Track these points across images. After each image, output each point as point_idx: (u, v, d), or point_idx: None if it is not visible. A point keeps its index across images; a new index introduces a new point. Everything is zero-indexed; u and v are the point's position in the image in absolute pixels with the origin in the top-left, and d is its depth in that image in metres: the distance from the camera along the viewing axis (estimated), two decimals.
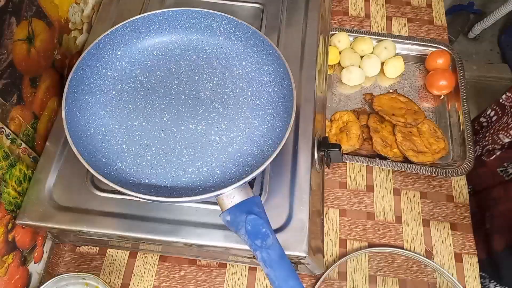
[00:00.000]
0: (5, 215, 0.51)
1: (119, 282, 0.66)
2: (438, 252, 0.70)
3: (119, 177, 0.47)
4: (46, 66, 0.57)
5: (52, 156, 0.55)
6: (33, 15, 0.53)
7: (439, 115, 0.81)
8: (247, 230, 0.41)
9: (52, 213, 0.51)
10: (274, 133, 0.49)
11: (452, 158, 0.76)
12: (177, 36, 0.58)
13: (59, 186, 0.53)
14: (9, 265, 0.53)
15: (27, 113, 0.54)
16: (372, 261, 0.69)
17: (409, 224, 0.72)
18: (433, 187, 0.75)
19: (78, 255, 0.67)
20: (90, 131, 0.50)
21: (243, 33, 0.55)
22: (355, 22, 0.93)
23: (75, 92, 0.50)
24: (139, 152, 0.49)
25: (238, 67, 0.56)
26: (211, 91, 0.54)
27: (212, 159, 0.49)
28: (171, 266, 0.67)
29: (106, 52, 0.54)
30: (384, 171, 0.76)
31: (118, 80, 0.54)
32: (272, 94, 0.53)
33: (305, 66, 0.61)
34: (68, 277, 0.57)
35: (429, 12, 0.94)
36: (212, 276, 0.66)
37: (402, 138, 0.75)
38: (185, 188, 0.47)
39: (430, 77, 0.83)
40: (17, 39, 0.50)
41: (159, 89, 0.54)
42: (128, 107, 0.52)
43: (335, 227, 0.72)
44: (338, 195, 0.74)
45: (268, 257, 0.41)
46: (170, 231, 0.50)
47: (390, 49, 0.85)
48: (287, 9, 0.67)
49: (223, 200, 0.43)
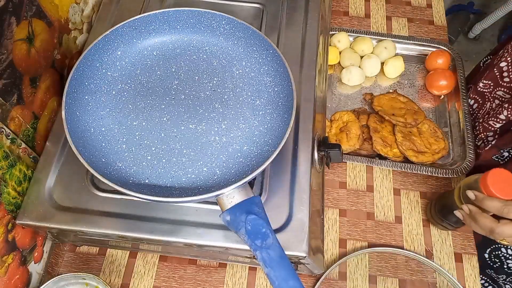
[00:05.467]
0: (5, 215, 0.51)
1: (119, 282, 0.66)
2: (438, 252, 0.70)
3: (119, 177, 0.47)
4: (46, 66, 0.57)
5: (52, 156, 0.55)
6: (33, 15, 0.53)
7: (439, 115, 0.81)
8: (247, 230, 0.41)
9: (52, 213, 0.51)
10: (274, 133, 0.49)
11: (452, 158, 0.76)
12: (177, 36, 0.58)
13: (59, 186, 0.53)
14: (9, 265, 0.53)
15: (27, 113, 0.54)
16: (372, 261, 0.69)
17: (409, 224, 0.72)
18: (433, 187, 0.75)
19: (78, 255, 0.67)
20: (90, 131, 0.50)
21: (243, 33, 0.55)
22: (355, 22, 0.93)
23: (75, 92, 0.50)
24: (139, 152, 0.49)
25: (238, 67, 0.56)
26: (211, 91, 0.54)
27: (212, 159, 0.49)
28: (171, 266, 0.67)
29: (106, 52, 0.54)
30: (384, 171, 0.76)
31: (118, 80, 0.54)
32: (272, 94, 0.53)
33: (305, 66, 0.61)
34: (68, 277, 0.57)
35: (429, 12, 0.94)
36: (212, 276, 0.66)
37: (402, 138, 0.75)
38: (185, 188, 0.47)
39: (430, 77, 0.83)
40: (17, 39, 0.50)
41: (159, 89, 0.54)
42: (128, 107, 0.52)
43: (335, 227, 0.72)
44: (338, 195, 0.74)
45: (268, 257, 0.41)
46: (170, 231, 0.50)
47: (390, 49, 0.85)
48: (287, 9, 0.67)
49: (223, 200, 0.43)
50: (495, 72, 0.73)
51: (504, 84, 0.72)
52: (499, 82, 0.73)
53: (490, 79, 0.75)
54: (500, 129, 0.72)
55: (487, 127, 0.73)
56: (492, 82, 0.75)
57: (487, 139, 0.75)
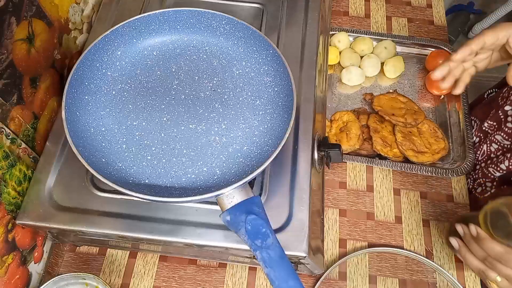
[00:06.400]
0: (5, 215, 0.51)
1: (119, 282, 0.66)
2: (438, 252, 0.70)
3: (119, 177, 0.47)
4: (46, 66, 0.57)
5: (52, 156, 0.55)
6: (33, 15, 0.53)
7: (439, 115, 0.81)
8: (247, 230, 0.41)
9: (52, 213, 0.51)
10: (274, 133, 0.49)
11: (452, 158, 0.76)
12: (177, 36, 0.58)
13: (59, 186, 0.53)
14: (9, 265, 0.53)
15: (27, 113, 0.54)
16: (372, 261, 0.69)
17: (409, 224, 0.72)
18: (433, 187, 0.75)
19: (78, 255, 0.67)
20: (90, 131, 0.50)
21: (243, 33, 0.55)
22: (355, 22, 0.93)
23: (75, 92, 0.50)
24: (139, 152, 0.49)
25: (238, 67, 0.56)
26: (211, 91, 0.54)
27: (212, 159, 0.49)
28: (171, 266, 0.67)
29: (106, 52, 0.54)
30: (384, 171, 0.76)
31: (118, 80, 0.54)
32: (272, 94, 0.53)
33: (305, 66, 0.61)
34: (68, 277, 0.57)
35: (429, 12, 0.94)
36: (212, 276, 0.66)
37: (402, 138, 0.75)
38: (185, 188, 0.47)
39: (430, 77, 0.83)
40: (17, 39, 0.50)
41: (159, 89, 0.54)
42: (128, 107, 0.52)
43: (335, 227, 0.72)
44: (338, 195, 0.74)
45: (268, 257, 0.41)
46: (170, 231, 0.50)
47: (390, 49, 0.85)
48: (287, 9, 0.67)
49: (223, 200, 0.43)
50: (499, 114, 0.71)
51: (505, 130, 0.70)
52: (502, 126, 0.71)
53: (494, 120, 0.73)
54: (499, 178, 0.71)
55: (487, 174, 0.72)
56: (496, 124, 0.73)
57: (485, 185, 0.74)
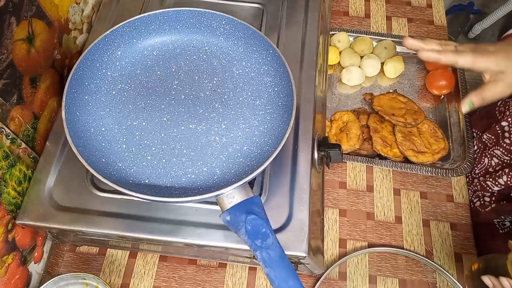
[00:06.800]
0: (5, 215, 0.51)
1: (119, 282, 0.66)
2: (438, 252, 0.70)
3: (119, 177, 0.47)
4: (46, 66, 0.57)
5: (52, 156, 0.55)
6: (33, 15, 0.53)
7: (439, 115, 0.81)
8: (247, 230, 0.41)
9: (52, 213, 0.51)
10: (274, 133, 0.49)
11: (452, 158, 0.76)
12: (177, 36, 0.58)
13: (59, 186, 0.53)
14: (9, 265, 0.53)
15: (27, 113, 0.54)
16: (372, 261, 0.69)
17: (409, 224, 0.72)
18: (433, 187, 0.75)
19: (78, 255, 0.67)
20: (90, 131, 0.50)
21: (243, 33, 0.55)
22: (355, 22, 0.93)
23: (75, 92, 0.50)
24: (139, 152, 0.49)
25: (238, 67, 0.56)
26: (211, 91, 0.54)
27: (212, 159, 0.49)
28: (171, 266, 0.67)
29: (106, 52, 0.54)
30: (384, 171, 0.76)
31: (118, 80, 0.54)
32: (272, 94, 0.53)
33: (305, 66, 0.61)
34: (68, 277, 0.57)
35: (429, 12, 0.94)
36: (212, 276, 0.66)
37: (402, 138, 0.75)
38: (185, 188, 0.47)
39: (430, 77, 0.83)
40: (17, 39, 0.50)
41: (159, 89, 0.54)
42: (128, 107, 0.52)
43: (335, 227, 0.72)
44: (338, 195, 0.74)
45: (268, 257, 0.41)
46: (170, 231, 0.50)
47: (390, 49, 0.85)
48: (287, 9, 0.67)
49: (223, 200, 0.43)
50: (497, 129, 0.71)
51: (503, 145, 0.70)
52: (500, 141, 0.71)
53: (493, 134, 0.73)
54: (498, 193, 0.71)
55: (485, 187, 0.72)
56: (495, 138, 0.73)
57: (484, 199, 0.73)
